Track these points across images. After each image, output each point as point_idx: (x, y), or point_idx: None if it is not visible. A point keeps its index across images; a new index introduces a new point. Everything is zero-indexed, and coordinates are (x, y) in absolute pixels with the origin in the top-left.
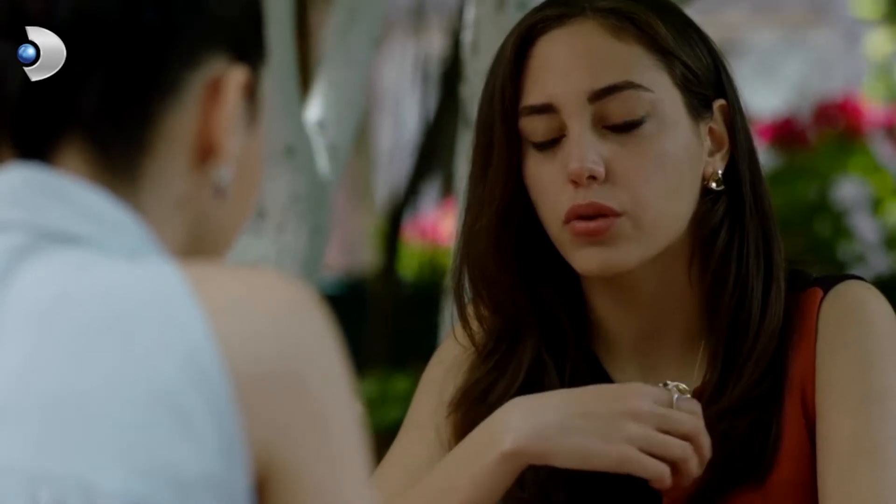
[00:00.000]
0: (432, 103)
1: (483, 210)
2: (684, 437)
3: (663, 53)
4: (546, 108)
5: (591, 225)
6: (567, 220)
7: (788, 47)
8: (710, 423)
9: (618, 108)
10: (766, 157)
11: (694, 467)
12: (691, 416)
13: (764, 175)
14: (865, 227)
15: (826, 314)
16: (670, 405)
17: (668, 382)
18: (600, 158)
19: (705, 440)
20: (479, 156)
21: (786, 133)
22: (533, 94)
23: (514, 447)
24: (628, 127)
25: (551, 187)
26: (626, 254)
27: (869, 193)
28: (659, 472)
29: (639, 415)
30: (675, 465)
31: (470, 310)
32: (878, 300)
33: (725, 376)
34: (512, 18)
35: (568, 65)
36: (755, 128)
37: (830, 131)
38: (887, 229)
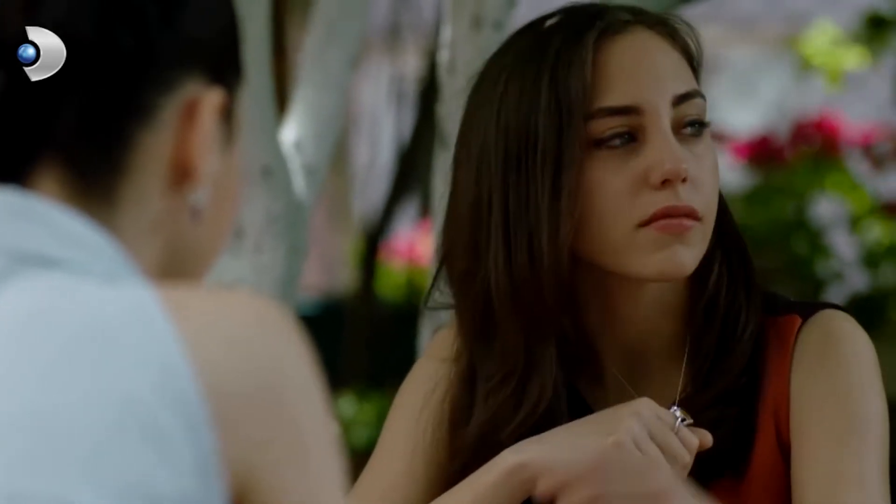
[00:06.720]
0: (409, 123)
1: (562, 222)
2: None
3: (694, 68)
4: (628, 110)
5: (685, 222)
6: (651, 221)
7: (766, 64)
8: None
9: (690, 115)
10: (743, 175)
11: None
12: (684, 449)
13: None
14: (843, 245)
15: (804, 343)
16: (672, 428)
17: (676, 408)
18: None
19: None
20: (546, 166)
21: (763, 151)
22: (612, 96)
23: (519, 460)
24: (697, 133)
25: (625, 190)
26: (696, 257)
27: (846, 211)
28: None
29: (639, 414)
30: None
31: (450, 325)
32: (856, 331)
33: (701, 394)
34: (488, 38)
35: (654, 68)
36: (732, 146)
37: (807, 149)
38: (865, 247)
